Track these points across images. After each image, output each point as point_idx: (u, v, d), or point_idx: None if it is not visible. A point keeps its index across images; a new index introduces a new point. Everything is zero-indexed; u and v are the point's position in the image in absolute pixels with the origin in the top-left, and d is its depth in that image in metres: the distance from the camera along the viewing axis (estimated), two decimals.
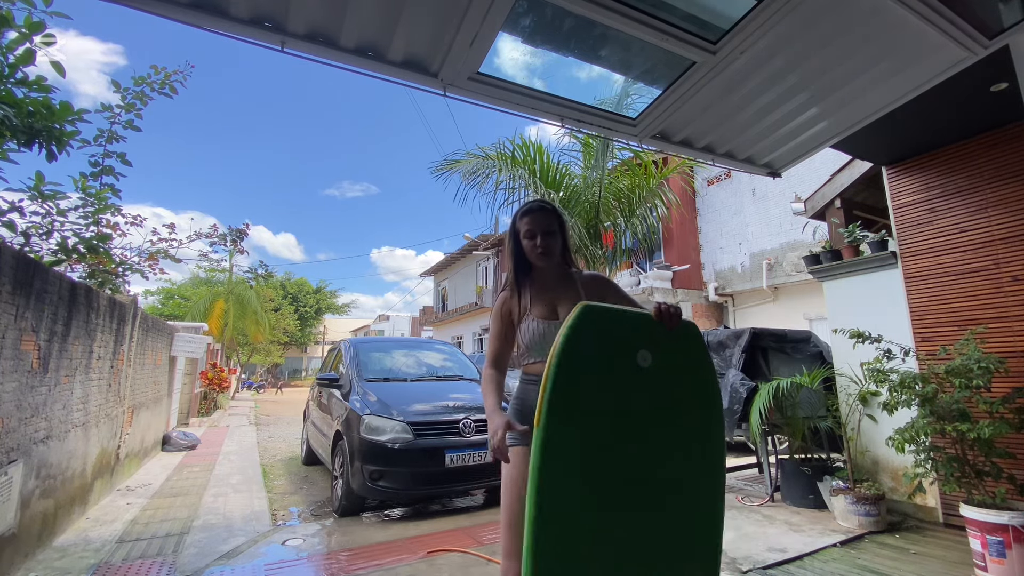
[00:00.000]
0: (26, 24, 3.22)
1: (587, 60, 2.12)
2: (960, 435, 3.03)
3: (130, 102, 4.47)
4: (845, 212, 4.94)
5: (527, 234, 1.75)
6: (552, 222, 1.77)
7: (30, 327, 3.21)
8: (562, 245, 1.80)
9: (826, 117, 2.44)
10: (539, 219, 1.76)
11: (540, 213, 1.77)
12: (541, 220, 1.76)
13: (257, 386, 27.47)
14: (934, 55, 2.01)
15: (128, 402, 5.58)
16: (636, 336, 1.44)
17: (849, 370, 4.16)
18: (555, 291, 1.79)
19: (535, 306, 1.77)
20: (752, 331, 4.93)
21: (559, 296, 1.78)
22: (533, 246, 1.74)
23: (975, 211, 3.78)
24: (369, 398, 4.53)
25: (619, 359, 1.41)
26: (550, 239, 1.75)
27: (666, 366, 1.44)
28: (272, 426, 11.58)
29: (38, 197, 3.84)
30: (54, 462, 3.63)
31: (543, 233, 1.74)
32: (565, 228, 1.82)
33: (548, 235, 1.75)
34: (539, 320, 1.73)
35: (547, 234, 1.74)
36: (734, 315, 11.92)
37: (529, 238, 1.75)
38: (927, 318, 3.96)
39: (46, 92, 3.42)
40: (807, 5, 1.71)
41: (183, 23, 1.47)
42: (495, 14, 1.57)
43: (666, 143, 2.59)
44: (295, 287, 35.38)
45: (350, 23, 1.60)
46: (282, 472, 6.39)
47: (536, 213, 1.77)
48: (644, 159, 6.97)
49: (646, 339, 1.44)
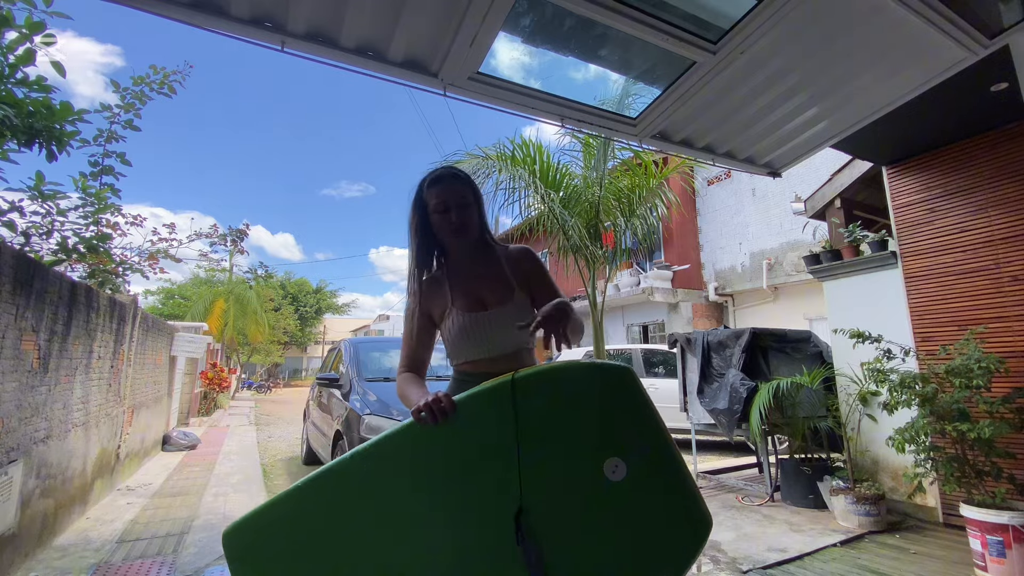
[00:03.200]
0: (26, 24, 3.23)
1: (587, 60, 2.12)
2: (960, 435, 3.04)
3: (129, 102, 4.47)
4: (845, 212, 4.93)
5: (437, 207, 1.45)
6: (467, 193, 1.48)
7: (30, 327, 3.21)
8: (480, 219, 1.52)
9: (826, 117, 2.44)
10: (452, 189, 1.46)
11: (452, 182, 1.48)
12: (454, 191, 1.46)
13: (258, 386, 27.45)
14: (934, 55, 2.01)
15: (128, 402, 5.58)
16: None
17: (849, 370, 4.16)
18: (477, 275, 1.51)
19: (456, 296, 1.48)
20: (752, 331, 4.93)
21: (483, 280, 1.51)
22: (447, 220, 1.45)
23: (975, 211, 3.78)
24: (369, 398, 4.53)
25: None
26: (466, 212, 1.46)
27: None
28: (272, 426, 11.58)
29: (38, 197, 3.84)
30: (54, 462, 3.63)
31: (458, 206, 1.45)
32: (482, 201, 1.55)
33: (463, 208, 1.46)
34: (464, 313, 1.45)
35: (462, 207, 1.46)
36: (734, 315, 11.92)
37: (440, 211, 1.46)
38: (927, 318, 3.96)
39: (46, 92, 3.42)
40: (807, 5, 1.71)
41: (183, 23, 1.47)
42: (495, 14, 1.57)
43: (666, 143, 2.59)
44: (295, 287, 35.39)
45: (350, 23, 1.60)
46: (282, 472, 6.40)
47: (447, 183, 1.47)
48: (644, 159, 6.97)
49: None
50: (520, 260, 1.53)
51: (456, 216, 1.45)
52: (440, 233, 1.49)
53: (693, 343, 5.27)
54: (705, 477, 5.30)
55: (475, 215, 1.50)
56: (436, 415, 1.10)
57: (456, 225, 1.45)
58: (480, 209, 1.53)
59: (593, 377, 1.13)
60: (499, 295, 1.48)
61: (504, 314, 1.43)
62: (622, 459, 1.08)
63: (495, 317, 1.44)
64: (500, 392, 1.11)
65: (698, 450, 5.50)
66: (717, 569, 3.05)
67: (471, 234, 1.49)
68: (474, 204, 1.50)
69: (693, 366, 5.22)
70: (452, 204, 1.45)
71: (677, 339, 5.52)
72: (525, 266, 1.53)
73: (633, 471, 1.09)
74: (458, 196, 1.46)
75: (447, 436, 1.10)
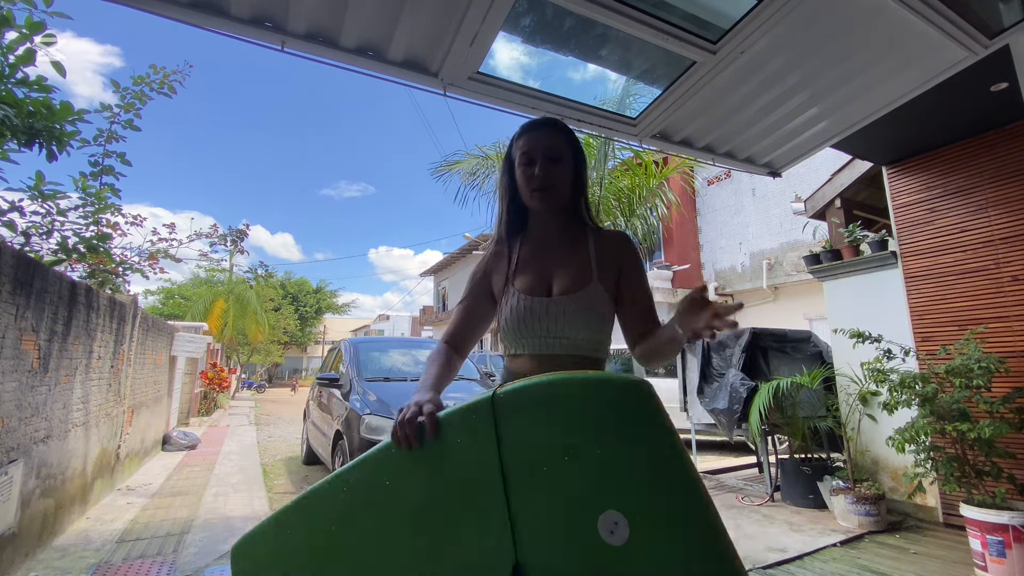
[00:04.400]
0: (27, 24, 3.22)
1: (587, 60, 2.12)
2: (960, 435, 3.04)
3: (129, 102, 4.47)
4: (845, 212, 4.94)
5: (523, 159, 1.22)
6: (561, 145, 1.22)
7: (30, 327, 3.21)
8: (575, 184, 1.26)
9: (826, 117, 2.44)
10: (541, 138, 1.22)
11: (545, 130, 1.24)
12: (544, 140, 1.21)
13: (258, 386, 27.45)
14: (934, 55, 2.01)
15: (128, 402, 5.58)
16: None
17: (849, 370, 4.16)
18: (554, 252, 1.26)
19: (520, 273, 1.25)
20: (752, 331, 4.93)
21: (558, 260, 1.24)
22: (530, 178, 1.20)
23: (975, 211, 3.78)
24: (369, 397, 4.53)
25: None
26: (556, 169, 1.21)
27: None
28: (272, 426, 11.58)
29: (38, 197, 3.84)
30: (54, 462, 3.63)
31: (545, 159, 1.20)
32: (583, 161, 1.28)
33: (553, 162, 1.20)
34: (521, 295, 1.21)
35: (551, 160, 1.20)
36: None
37: (525, 164, 1.22)
38: (927, 318, 3.96)
39: (46, 92, 3.42)
40: (807, 5, 1.71)
41: (183, 23, 1.47)
42: (495, 14, 1.57)
43: (666, 143, 2.59)
44: (295, 287, 35.38)
45: (350, 23, 1.60)
46: (282, 472, 6.40)
47: (539, 130, 1.24)
48: (644, 159, 6.97)
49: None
50: (614, 245, 1.25)
51: (541, 171, 1.19)
52: (523, 193, 1.23)
53: (693, 343, 5.27)
54: (705, 477, 5.30)
55: (567, 175, 1.23)
56: (409, 440, 0.87)
57: (539, 182, 1.19)
58: (578, 170, 1.26)
59: (592, 395, 0.85)
60: (571, 280, 1.20)
61: (572, 304, 1.16)
62: (623, 514, 0.79)
63: (559, 306, 1.17)
64: (479, 412, 0.87)
65: (698, 450, 5.49)
66: None
67: (556, 199, 1.22)
68: (569, 161, 1.23)
69: (693, 366, 5.22)
70: (538, 155, 1.20)
71: None
72: (619, 253, 1.24)
73: (638, 533, 0.78)
74: (548, 147, 1.20)
75: (427, 465, 0.89)
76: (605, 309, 1.20)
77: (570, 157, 1.24)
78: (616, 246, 1.25)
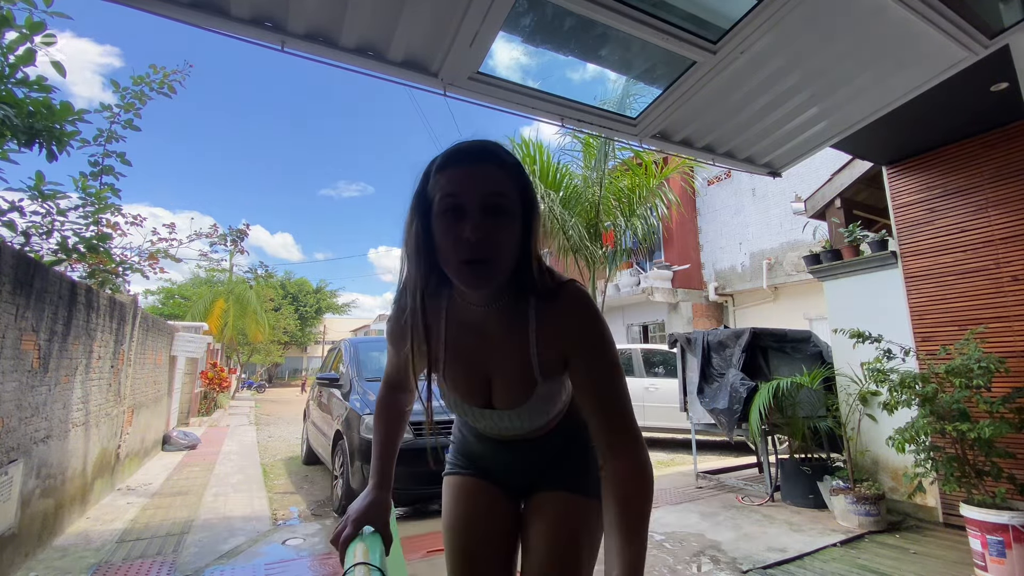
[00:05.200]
0: (27, 24, 3.23)
1: (587, 60, 2.12)
2: (960, 435, 3.04)
3: (129, 102, 4.47)
4: (845, 212, 4.94)
5: (447, 205, 0.83)
6: (506, 189, 0.84)
7: (30, 326, 3.22)
8: (522, 247, 0.87)
9: (826, 117, 2.44)
10: (477, 177, 0.83)
11: (483, 165, 0.85)
12: (482, 181, 0.83)
13: (257, 386, 27.45)
14: (934, 55, 2.00)
15: (128, 402, 5.58)
16: None
17: (849, 370, 4.16)
18: (487, 345, 0.98)
19: (450, 369, 1.01)
20: (752, 331, 4.93)
21: (493, 358, 0.99)
22: (456, 241, 0.82)
23: (975, 211, 3.78)
24: (369, 397, 4.53)
25: None
26: (497, 227, 0.83)
27: None
28: (272, 426, 11.58)
29: (38, 197, 3.84)
30: (54, 461, 3.63)
31: (483, 210, 0.82)
32: (536, 211, 0.89)
33: (494, 216, 0.83)
34: (455, 398, 1.05)
35: (491, 212, 0.82)
36: (734, 315, 11.92)
37: (452, 216, 0.83)
38: (927, 318, 3.96)
39: (47, 92, 3.42)
40: (807, 5, 1.71)
41: (183, 23, 1.47)
42: (495, 14, 1.57)
43: (666, 143, 2.59)
44: (295, 287, 35.39)
45: (350, 23, 1.60)
46: (282, 472, 6.40)
47: (474, 164, 0.85)
48: (644, 159, 6.97)
49: None
50: (565, 326, 0.91)
51: (475, 233, 0.80)
52: (444, 257, 0.84)
53: (693, 343, 5.27)
54: (705, 477, 5.30)
55: (512, 237, 0.84)
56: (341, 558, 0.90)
57: (471, 251, 0.80)
58: (529, 227, 0.87)
59: None
60: (512, 390, 1.00)
61: (518, 414, 1.03)
62: None
63: (503, 416, 1.04)
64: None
65: (698, 450, 5.50)
66: (717, 569, 3.05)
67: (494, 276, 0.84)
68: (516, 215, 0.85)
69: (693, 366, 5.22)
70: (471, 203, 0.81)
71: (677, 339, 5.52)
72: (571, 337, 0.91)
73: None
74: (486, 191, 0.82)
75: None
76: (560, 395, 1.05)
77: (518, 207, 0.85)
78: (564, 326, 0.91)
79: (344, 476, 4.32)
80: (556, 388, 1.02)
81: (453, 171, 0.85)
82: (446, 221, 0.83)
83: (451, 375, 1.03)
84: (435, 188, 0.86)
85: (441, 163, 0.87)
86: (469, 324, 0.99)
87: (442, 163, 0.87)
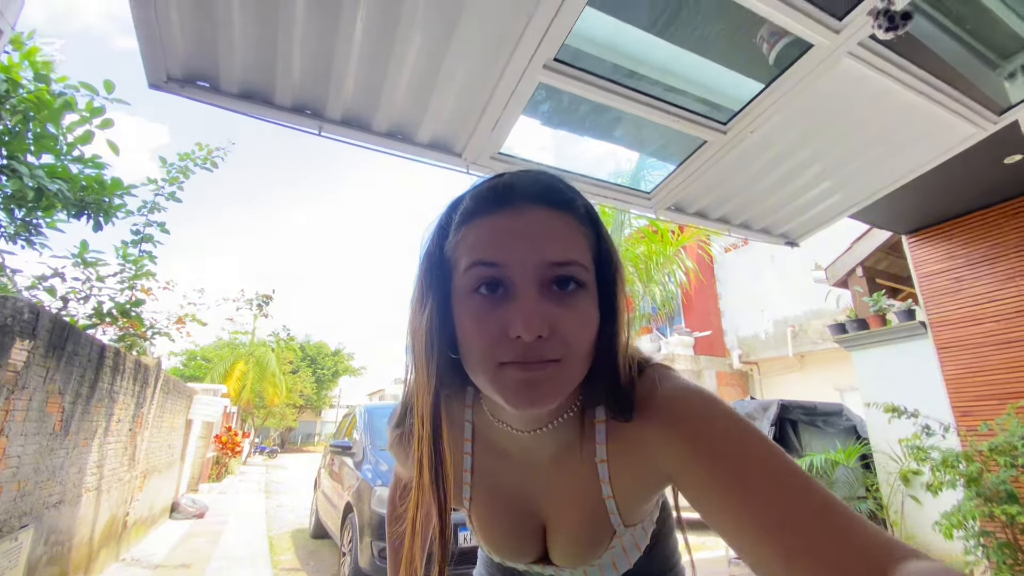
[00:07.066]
0: (88, 108, 3.55)
1: (602, 139, 2.23)
2: (1010, 519, 2.80)
3: (174, 175, 4.79)
4: (868, 280, 4.88)
5: (482, 282, 0.53)
6: (576, 243, 0.55)
7: (57, 389, 3.28)
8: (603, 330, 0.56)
9: (839, 190, 2.48)
10: (532, 232, 0.53)
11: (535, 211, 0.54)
12: (539, 236, 0.53)
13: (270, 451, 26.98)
14: (943, 132, 2.06)
15: (142, 466, 5.53)
16: None
17: (886, 446, 3.94)
18: (532, 473, 0.69)
19: (480, 512, 0.74)
20: (780, 403, 4.75)
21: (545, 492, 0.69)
22: (500, 331, 0.52)
23: (1004, 280, 3.70)
24: (382, 468, 4.41)
25: None
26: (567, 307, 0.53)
27: None
28: (282, 494, 11.26)
29: (81, 264, 4.04)
30: (64, 528, 3.56)
31: (545, 283, 0.53)
32: (618, 272, 0.59)
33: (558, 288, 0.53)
34: (490, 549, 0.76)
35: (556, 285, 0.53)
36: (760, 384, 11.53)
37: (489, 297, 0.53)
38: (964, 391, 3.78)
39: (99, 168, 3.70)
40: (814, 89, 1.80)
41: (232, 111, 1.61)
42: (516, 101, 1.69)
43: (681, 214, 2.64)
44: (314, 349, 35.66)
45: (383, 110, 1.74)
46: (289, 545, 6.14)
47: (522, 211, 0.54)
48: (660, 227, 7.09)
49: None
50: (655, 452, 0.59)
51: (528, 319, 0.50)
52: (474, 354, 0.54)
53: None
54: (738, 563, 4.91)
55: (588, 324, 0.55)
56: None
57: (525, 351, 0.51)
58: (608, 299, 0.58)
59: None
60: (578, 544, 0.69)
61: (587, 572, 0.74)
62: None
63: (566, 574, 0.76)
64: None
65: None
66: None
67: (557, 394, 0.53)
68: (591, 283, 0.56)
69: None
70: (521, 275, 0.53)
71: None
72: (668, 464, 0.58)
73: None
74: (548, 255, 0.53)
75: None
76: (650, 530, 0.76)
77: (594, 275, 0.57)
78: (651, 454, 0.59)
79: (352, 553, 4.13)
80: (647, 527, 0.74)
81: (489, 223, 0.54)
82: (480, 303, 0.53)
83: (481, 519, 0.73)
84: (459, 250, 0.55)
85: (468, 209, 0.56)
86: (505, 452, 0.68)
87: (470, 209, 0.56)
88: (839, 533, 0.43)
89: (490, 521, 0.73)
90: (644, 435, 0.59)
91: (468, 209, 0.56)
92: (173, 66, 1.48)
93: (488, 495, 0.72)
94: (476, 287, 0.54)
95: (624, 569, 0.74)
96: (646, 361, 0.63)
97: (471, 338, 0.54)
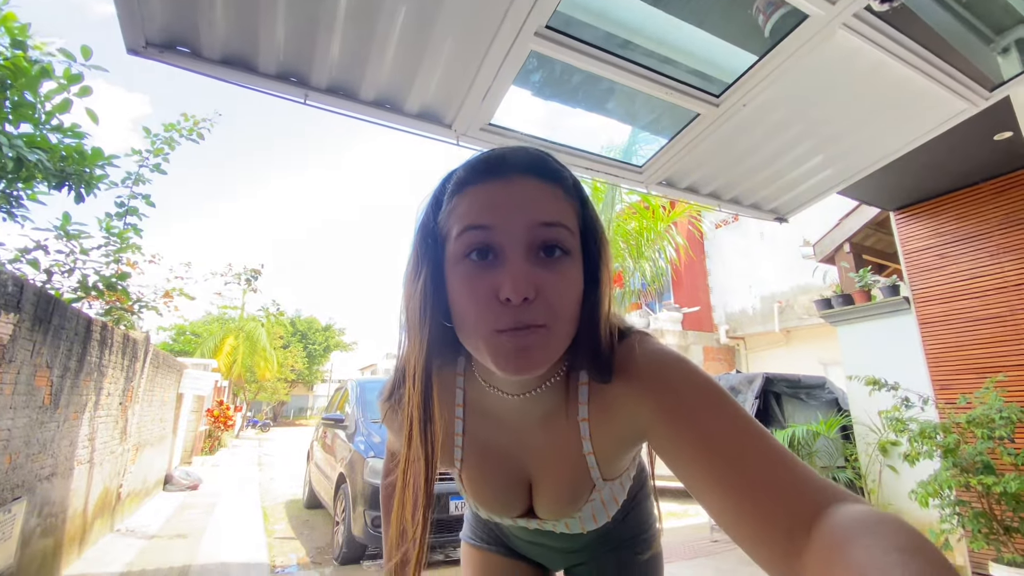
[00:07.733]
0: (65, 76, 3.43)
1: (594, 111, 2.20)
2: (986, 489, 2.92)
3: (159, 147, 4.68)
4: (855, 256, 4.94)
5: (469, 241, 0.56)
6: (562, 209, 0.58)
7: (45, 363, 3.26)
8: (588, 296, 0.59)
9: (830, 165, 2.48)
10: (520, 197, 0.56)
11: (524, 180, 0.57)
12: (527, 201, 0.56)
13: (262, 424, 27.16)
14: (935, 107, 2.06)
15: (134, 439, 5.55)
16: None
17: (867, 418, 4.06)
18: (520, 435, 0.72)
19: (470, 472, 0.77)
20: (765, 376, 4.85)
21: (532, 452, 0.73)
22: (489, 296, 0.54)
23: (987, 257, 3.76)
24: (374, 440, 4.47)
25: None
26: (554, 272, 0.55)
27: None
28: (275, 467, 11.39)
29: (63, 236, 3.97)
30: (57, 500, 3.59)
31: (532, 247, 0.55)
32: (602, 241, 0.62)
33: (544, 255, 0.56)
34: (477, 504, 0.81)
35: (544, 252, 0.56)
36: (747, 358, 11.74)
37: (479, 262, 0.56)
38: (944, 365, 3.88)
39: (79, 138, 3.60)
40: (807, 62, 1.78)
41: (215, 78, 1.56)
42: (507, 71, 1.65)
43: (672, 189, 2.64)
44: (305, 324, 35.59)
45: (370, 78, 1.70)
46: (283, 515, 6.25)
47: (512, 177, 0.57)
48: (651, 203, 7.08)
49: None
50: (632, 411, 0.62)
51: (516, 283, 0.52)
52: (466, 320, 0.57)
53: None
54: (719, 530, 5.09)
55: (573, 289, 0.57)
56: None
57: (515, 314, 0.54)
58: (593, 266, 0.61)
59: None
60: (561, 499, 0.75)
61: (568, 524, 0.80)
62: None
63: (549, 526, 0.82)
64: None
65: None
66: None
67: (545, 358, 0.55)
68: (576, 250, 0.59)
69: None
70: (509, 239, 0.55)
71: None
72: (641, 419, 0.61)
73: None
74: (535, 218, 0.56)
75: None
76: (627, 485, 0.82)
77: (577, 235, 0.59)
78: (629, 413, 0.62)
79: (346, 522, 4.21)
80: (624, 482, 0.79)
81: (480, 191, 0.56)
82: (470, 268, 0.55)
83: (472, 479, 0.78)
84: (451, 218, 0.57)
85: (461, 179, 0.59)
86: (495, 414, 0.71)
87: (462, 179, 0.58)
88: (784, 479, 0.48)
89: (480, 480, 0.78)
90: (622, 395, 0.63)
91: (461, 179, 0.60)
92: (152, 30, 1.43)
93: (478, 456, 0.76)
94: (467, 253, 0.56)
95: (603, 522, 0.80)
96: (628, 329, 0.67)
97: (463, 303, 0.56)
